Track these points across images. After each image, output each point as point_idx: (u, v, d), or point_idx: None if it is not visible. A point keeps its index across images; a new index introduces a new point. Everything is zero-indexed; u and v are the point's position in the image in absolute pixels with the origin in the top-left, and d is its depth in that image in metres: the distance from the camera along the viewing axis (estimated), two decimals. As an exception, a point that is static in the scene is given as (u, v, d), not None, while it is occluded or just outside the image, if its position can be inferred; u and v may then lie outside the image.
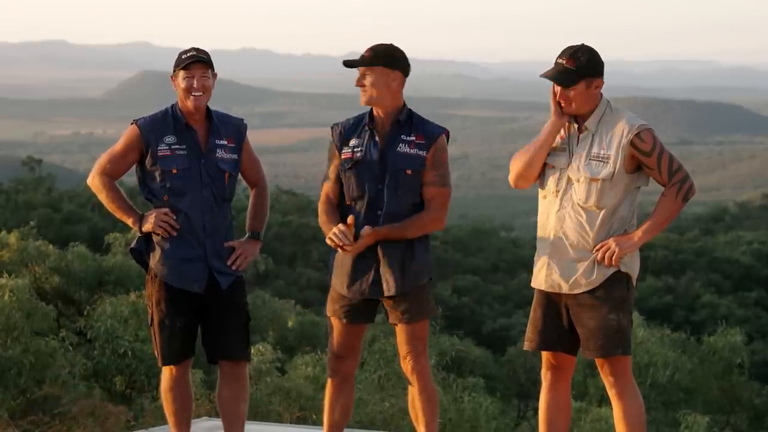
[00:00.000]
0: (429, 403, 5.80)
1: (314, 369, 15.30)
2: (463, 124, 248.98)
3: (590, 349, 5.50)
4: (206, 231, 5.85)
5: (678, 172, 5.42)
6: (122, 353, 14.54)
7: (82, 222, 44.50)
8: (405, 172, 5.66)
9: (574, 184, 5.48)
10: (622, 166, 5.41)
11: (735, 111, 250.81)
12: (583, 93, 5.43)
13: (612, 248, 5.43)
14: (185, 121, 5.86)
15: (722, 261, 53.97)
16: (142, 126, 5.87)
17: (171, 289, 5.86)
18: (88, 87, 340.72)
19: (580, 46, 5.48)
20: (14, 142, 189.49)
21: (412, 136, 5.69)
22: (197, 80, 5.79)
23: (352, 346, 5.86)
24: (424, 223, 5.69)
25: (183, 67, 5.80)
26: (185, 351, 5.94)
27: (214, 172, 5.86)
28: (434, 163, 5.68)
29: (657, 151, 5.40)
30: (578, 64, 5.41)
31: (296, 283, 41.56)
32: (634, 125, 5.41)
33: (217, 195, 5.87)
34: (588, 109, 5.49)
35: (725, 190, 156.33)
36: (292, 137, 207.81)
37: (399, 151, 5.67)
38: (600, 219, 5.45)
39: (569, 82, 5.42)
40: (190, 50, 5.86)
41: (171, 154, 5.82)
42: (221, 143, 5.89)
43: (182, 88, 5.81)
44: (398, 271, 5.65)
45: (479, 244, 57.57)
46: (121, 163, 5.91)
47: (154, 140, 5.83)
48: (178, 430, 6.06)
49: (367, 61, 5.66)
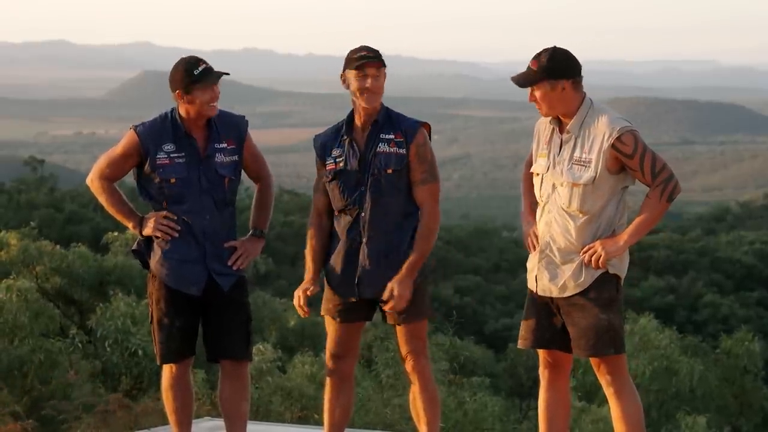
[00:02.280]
0: (430, 403, 5.80)
1: (312, 368, 15.30)
2: (465, 124, 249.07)
3: (581, 349, 5.49)
4: (206, 235, 5.83)
5: (662, 173, 5.38)
6: (133, 352, 14.55)
7: (84, 222, 44.45)
8: (386, 171, 5.65)
9: (558, 189, 5.47)
10: (605, 168, 5.37)
11: (737, 111, 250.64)
12: (548, 94, 5.38)
13: (598, 251, 5.41)
14: (184, 129, 5.82)
15: (724, 261, 53.91)
16: (141, 133, 5.83)
17: (170, 289, 5.86)
18: (90, 87, 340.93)
19: (549, 48, 5.44)
20: (16, 142, 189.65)
21: (391, 134, 5.68)
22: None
23: (348, 345, 5.85)
24: (428, 229, 5.67)
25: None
26: (184, 350, 5.94)
27: (213, 178, 5.83)
28: (418, 159, 5.66)
29: (639, 152, 5.35)
30: (539, 66, 5.37)
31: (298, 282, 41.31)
32: (615, 128, 5.35)
33: (217, 200, 5.85)
34: (564, 110, 5.45)
35: (727, 190, 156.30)
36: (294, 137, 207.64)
37: (379, 150, 5.67)
38: (585, 222, 5.43)
39: (527, 83, 5.39)
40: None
41: (170, 163, 5.79)
42: (221, 147, 5.85)
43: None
44: (391, 273, 5.63)
45: (481, 244, 57.54)
46: (120, 167, 5.90)
47: (152, 148, 5.80)
48: (178, 428, 6.06)
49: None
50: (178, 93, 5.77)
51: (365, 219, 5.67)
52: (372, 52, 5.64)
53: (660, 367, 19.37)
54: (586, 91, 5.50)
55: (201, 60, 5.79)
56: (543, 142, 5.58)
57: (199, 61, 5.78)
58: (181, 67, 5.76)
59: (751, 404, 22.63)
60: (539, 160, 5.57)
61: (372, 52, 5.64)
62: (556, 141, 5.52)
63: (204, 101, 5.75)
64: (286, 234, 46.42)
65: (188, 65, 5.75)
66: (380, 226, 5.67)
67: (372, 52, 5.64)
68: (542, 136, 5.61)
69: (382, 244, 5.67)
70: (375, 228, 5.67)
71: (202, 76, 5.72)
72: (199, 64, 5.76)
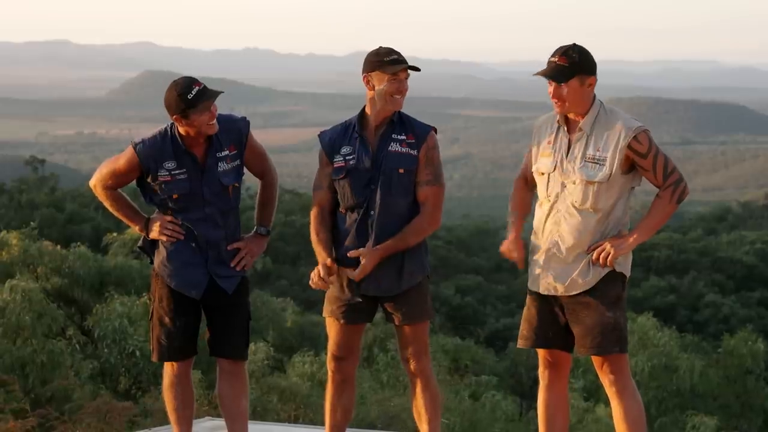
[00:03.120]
0: (432, 403, 5.81)
1: (312, 367, 15.32)
2: (466, 124, 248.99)
3: (586, 347, 5.49)
4: (209, 243, 5.86)
5: (672, 174, 5.43)
6: (130, 352, 14.56)
7: (86, 222, 44.48)
8: (398, 171, 5.66)
9: (568, 187, 5.48)
10: (618, 167, 5.41)
11: (738, 111, 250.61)
12: (577, 90, 5.42)
13: (607, 249, 5.43)
14: (184, 146, 5.80)
15: (725, 261, 53.88)
16: (141, 153, 5.81)
17: (173, 289, 5.89)
18: (92, 87, 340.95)
19: (572, 45, 5.48)
20: (17, 141, 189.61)
21: (403, 135, 5.69)
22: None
23: (350, 346, 5.87)
24: (422, 227, 5.69)
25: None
26: (186, 349, 5.96)
27: (217, 189, 5.83)
28: (426, 161, 5.68)
29: (653, 153, 5.40)
30: (571, 61, 5.41)
31: (299, 282, 41.50)
32: (631, 127, 5.40)
33: (222, 210, 5.87)
34: (581, 108, 5.48)
35: (728, 189, 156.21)
36: (295, 137, 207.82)
37: (391, 150, 5.68)
38: (596, 220, 5.46)
39: (563, 78, 5.40)
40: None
41: (171, 180, 5.80)
42: (222, 155, 5.84)
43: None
44: (393, 272, 5.66)
45: (482, 244, 57.50)
46: (122, 180, 5.93)
47: (153, 166, 5.80)
48: (179, 427, 6.07)
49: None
50: (176, 118, 5.74)
51: (374, 218, 5.67)
52: (400, 55, 5.65)
53: (659, 365, 19.39)
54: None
55: (194, 81, 5.72)
56: (545, 142, 5.58)
57: (192, 83, 5.70)
58: (175, 93, 5.69)
59: (753, 405, 22.63)
60: (542, 160, 5.57)
61: (400, 55, 5.65)
62: (563, 140, 5.52)
63: (202, 122, 5.73)
64: (287, 234, 46.41)
65: (182, 90, 5.68)
66: (387, 225, 5.67)
67: (400, 55, 5.65)
68: (543, 135, 5.61)
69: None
70: (382, 227, 5.67)
71: (196, 99, 5.67)
72: (192, 86, 5.68)
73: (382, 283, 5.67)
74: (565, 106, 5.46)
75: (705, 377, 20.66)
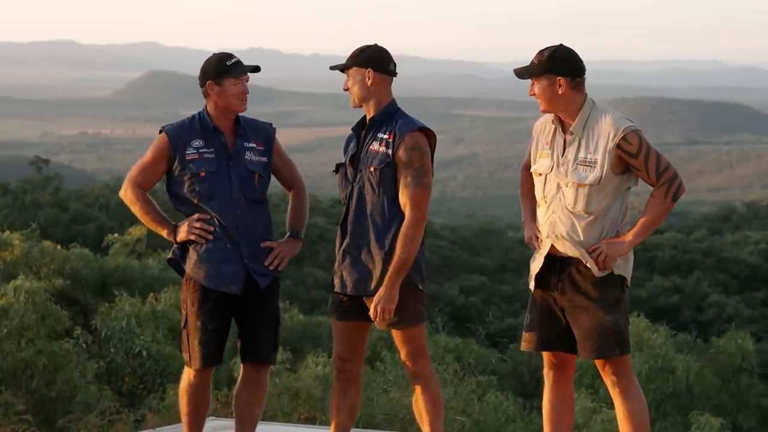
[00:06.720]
0: (433, 403, 5.81)
1: (324, 368, 15.31)
2: (471, 124, 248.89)
3: (586, 351, 5.49)
4: (239, 231, 5.86)
5: (666, 172, 5.39)
6: (137, 352, 14.55)
7: (90, 222, 44.48)
8: (368, 168, 5.66)
9: (562, 189, 5.47)
10: (610, 169, 5.38)
11: (742, 111, 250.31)
12: (545, 89, 5.40)
13: (604, 252, 5.41)
14: (213, 125, 5.87)
15: (730, 261, 53.85)
16: (170, 132, 5.90)
17: (207, 292, 5.85)
18: (96, 87, 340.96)
19: (555, 45, 5.46)
20: (22, 141, 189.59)
21: (386, 134, 5.68)
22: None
23: (352, 345, 5.86)
24: (406, 233, 5.58)
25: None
26: (216, 356, 5.94)
27: (243, 174, 5.87)
28: (405, 162, 5.62)
29: (644, 152, 5.36)
30: (540, 60, 5.40)
31: (303, 283, 41.49)
32: (619, 128, 5.36)
33: (247, 197, 5.88)
34: (564, 110, 5.45)
35: (733, 189, 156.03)
36: (300, 137, 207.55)
37: (370, 148, 5.70)
38: (590, 223, 5.44)
39: (527, 75, 5.42)
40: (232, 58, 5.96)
41: (199, 158, 5.84)
42: (250, 146, 5.92)
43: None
44: (364, 270, 5.67)
45: (487, 244, 57.54)
46: (152, 173, 5.93)
47: (182, 145, 5.85)
48: (189, 429, 6.06)
49: (344, 65, 5.78)
50: (209, 84, 5.86)
51: (351, 215, 5.71)
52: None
53: (656, 366, 19.36)
54: (587, 93, 5.49)
55: (233, 55, 5.92)
56: (543, 143, 5.57)
57: (231, 55, 5.91)
58: (214, 59, 5.89)
59: (748, 402, 22.64)
60: (540, 160, 5.56)
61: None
62: (559, 141, 5.52)
63: (234, 93, 5.83)
64: (292, 234, 46.34)
65: (222, 56, 5.91)
66: (359, 222, 5.69)
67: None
68: (542, 136, 5.61)
69: (355, 241, 5.70)
70: (355, 224, 5.70)
71: (234, 67, 5.84)
72: (232, 57, 5.90)
73: (352, 280, 5.69)
74: (542, 104, 5.46)
75: (701, 377, 20.66)
